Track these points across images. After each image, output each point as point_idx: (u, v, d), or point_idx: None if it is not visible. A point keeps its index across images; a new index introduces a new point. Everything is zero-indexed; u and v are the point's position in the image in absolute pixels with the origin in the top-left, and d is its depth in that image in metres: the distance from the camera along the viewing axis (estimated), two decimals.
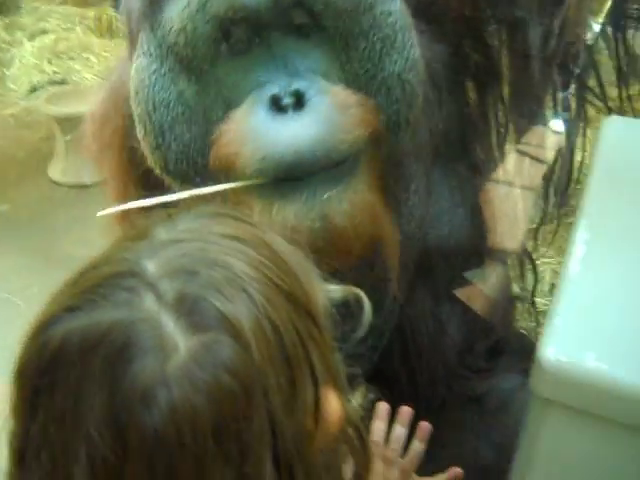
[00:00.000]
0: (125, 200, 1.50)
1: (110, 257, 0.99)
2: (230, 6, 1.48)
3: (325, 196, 1.45)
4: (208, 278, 0.93)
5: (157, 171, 1.64)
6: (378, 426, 1.61)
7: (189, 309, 0.90)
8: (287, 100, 1.47)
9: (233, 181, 1.49)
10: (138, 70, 1.60)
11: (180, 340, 0.89)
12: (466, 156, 1.92)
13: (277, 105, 1.47)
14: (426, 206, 1.81)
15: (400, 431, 1.61)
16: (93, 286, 0.93)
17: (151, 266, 0.94)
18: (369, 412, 1.65)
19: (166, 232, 1.00)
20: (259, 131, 1.46)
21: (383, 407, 1.63)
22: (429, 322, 1.84)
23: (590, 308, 1.43)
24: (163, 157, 1.60)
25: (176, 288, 0.92)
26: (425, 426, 1.62)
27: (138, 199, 1.43)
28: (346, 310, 1.13)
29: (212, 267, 0.94)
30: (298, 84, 1.49)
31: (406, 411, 1.62)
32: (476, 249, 1.97)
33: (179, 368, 0.87)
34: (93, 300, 0.91)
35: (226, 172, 1.51)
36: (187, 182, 1.58)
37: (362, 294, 1.18)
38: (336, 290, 1.12)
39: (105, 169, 1.87)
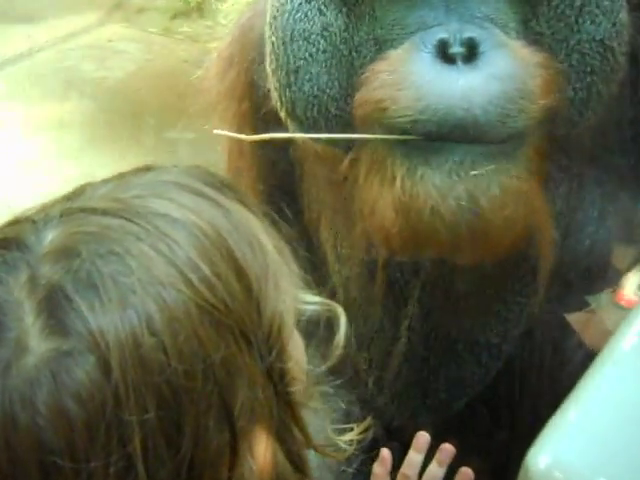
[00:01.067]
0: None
1: (25, 214, 0.86)
2: None
3: (478, 172, 1.20)
4: (91, 270, 0.76)
5: (282, 114, 1.43)
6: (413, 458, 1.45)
7: (54, 306, 0.76)
8: (457, 48, 1.24)
9: (377, 133, 1.25)
10: None
11: (32, 340, 0.75)
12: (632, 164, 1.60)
13: (444, 53, 1.24)
14: (573, 214, 1.55)
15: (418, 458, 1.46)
16: None
17: (47, 238, 0.80)
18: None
19: (97, 197, 0.84)
20: (423, 78, 1.22)
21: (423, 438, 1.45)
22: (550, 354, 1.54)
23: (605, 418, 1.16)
24: (292, 99, 1.39)
25: (50, 276, 0.77)
26: (447, 449, 1.42)
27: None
28: None
29: (105, 257, 0.77)
30: (472, 32, 1.25)
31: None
32: (605, 270, 1.65)
33: (20, 377, 0.74)
34: None
35: (370, 122, 1.28)
36: (314, 132, 1.36)
37: (340, 310, 0.98)
38: (314, 302, 0.94)
39: (225, 113, 1.69)
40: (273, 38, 1.38)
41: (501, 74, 1.20)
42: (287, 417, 0.84)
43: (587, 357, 1.51)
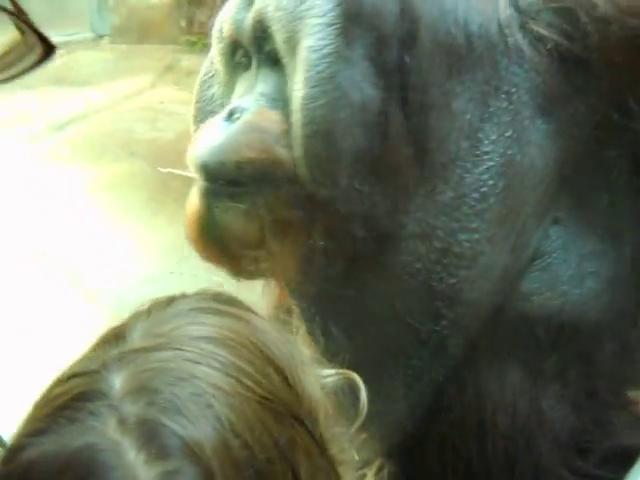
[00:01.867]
0: None
1: (80, 367, 0.99)
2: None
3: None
4: (171, 397, 0.90)
5: None
6: None
7: (150, 436, 0.88)
8: (237, 115, 1.60)
9: None
10: None
11: (141, 471, 0.86)
12: None
13: (231, 116, 1.61)
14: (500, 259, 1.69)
15: None
16: (60, 408, 0.93)
17: (117, 382, 0.93)
18: None
19: (139, 337, 1.00)
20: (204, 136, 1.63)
21: None
22: (518, 402, 1.69)
23: None
24: None
25: (137, 412, 0.89)
26: None
27: None
28: None
29: (176, 384, 0.91)
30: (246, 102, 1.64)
31: None
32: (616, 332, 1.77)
33: None
34: (59, 423, 0.91)
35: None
36: None
37: (357, 378, 1.15)
38: (331, 374, 1.10)
39: None
40: None
41: (233, 130, 1.58)
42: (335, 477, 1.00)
43: None
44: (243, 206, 1.58)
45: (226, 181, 1.58)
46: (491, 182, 1.65)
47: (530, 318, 1.66)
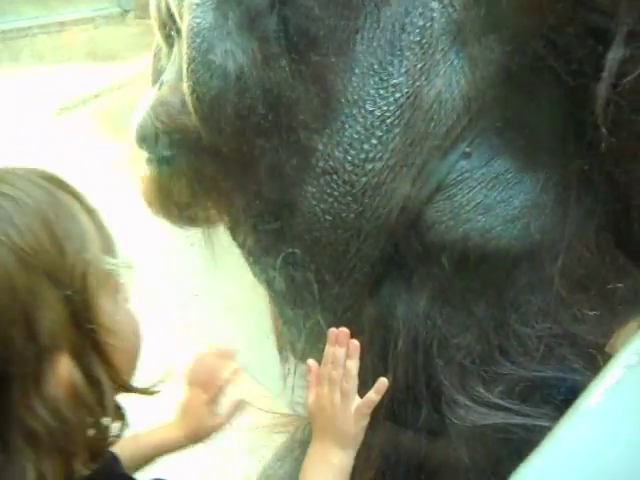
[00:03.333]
0: None
1: None
2: None
3: None
4: None
5: None
6: (328, 350, 1.70)
7: None
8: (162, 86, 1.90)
9: None
10: None
11: None
12: None
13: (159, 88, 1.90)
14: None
15: (340, 352, 1.68)
16: None
17: None
18: None
19: None
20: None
21: (333, 332, 1.71)
22: (420, 326, 1.73)
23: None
24: None
25: None
26: (354, 345, 1.69)
27: None
28: None
29: None
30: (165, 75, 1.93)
31: (354, 346, 1.69)
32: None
33: None
34: None
35: None
36: None
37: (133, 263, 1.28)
38: (114, 262, 1.22)
39: None
40: None
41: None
42: (89, 347, 1.13)
43: None
44: (172, 167, 1.87)
45: (154, 148, 1.86)
46: (397, 113, 1.68)
47: (433, 246, 1.70)
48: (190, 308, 3.84)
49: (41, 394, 1.07)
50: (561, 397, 1.65)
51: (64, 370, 1.10)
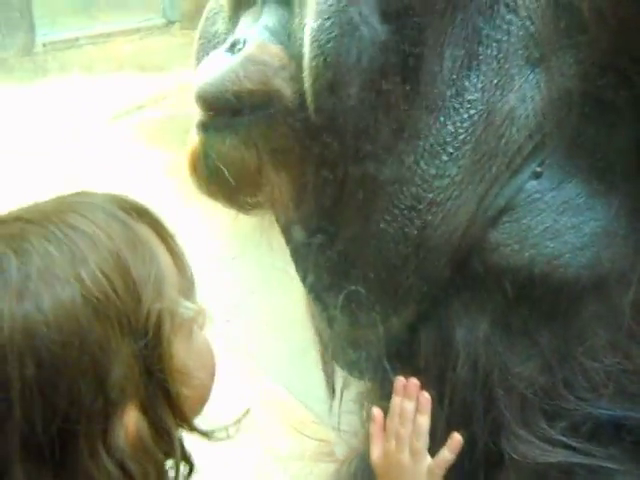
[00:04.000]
0: None
1: None
2: None
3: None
4: (3, 260, 0.98)
5: None
6: (395, 402, 1.55)
7: None
8: (239, 46, 1.65)
9: None
10: None
11: None
12: None
13: (233, 47, 1.66)
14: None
15: (410, 406, 1.52)
16: None
17: None
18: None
19: (30, 209, 1.08)
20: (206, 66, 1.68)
21: (401, 382, 1.56)
22: (481, 354, 1.63)
23: None
24: None
25: None
26: (425, 399, 1.53)
27: None
28: None
29: (19, 252, 0.99)
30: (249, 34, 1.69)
31: (425, 400, 1.53)
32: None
33: None
34: None
35: None
36: None
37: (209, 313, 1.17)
38: (190, 307, 1.12)
39: None
40: None
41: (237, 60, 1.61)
42: (160, 399, 1.03)
43: None
44: (239, 136, 1.63)
45: (225, 110, 1.63)
46: (470, 130, 1.62)
47: (497, 269, 1.61)
48: (232, 325, 3.74)
49: (108, 446, 0.99)
50: (631, 438, 1.55)
51: (132, 422, 1.02)
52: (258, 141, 1.63)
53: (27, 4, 7.83)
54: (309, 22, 1.57)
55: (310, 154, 1.66)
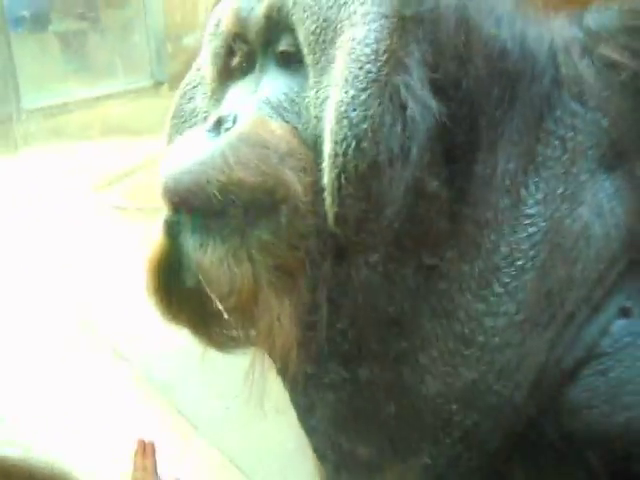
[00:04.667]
0: None
1: None
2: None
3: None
4: None
5: None
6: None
7: None
8: (228, 124, 1.25)
9: None
10: None
11: None
12: None
13: (218, 126, 1.26)
14: None
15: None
16: None
17: None
18: None
19: None
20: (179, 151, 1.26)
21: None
22: None
23: None
24: None
25: None
26: None
27: None
28: None
29: None
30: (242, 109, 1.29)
31: None
32: None
33: None
34: None
35: None
36: None
37: None
38: None
39: None
40: None
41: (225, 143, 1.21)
42: None
43: None
44: (227, 245, 1.18)
45: (205, 209, 1.19)
46: (531, 253, 1.24)
47: (578, 439, 1.22)
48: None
49: None
50: None
51: None
52: (254, 254, 1.19)
53: (11, 71, 7.64)
54: (334, 94, 1.19)
55: (326, 275, 1.23)
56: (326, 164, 1.18)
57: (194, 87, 1.49)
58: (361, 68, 1.17)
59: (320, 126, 1.22)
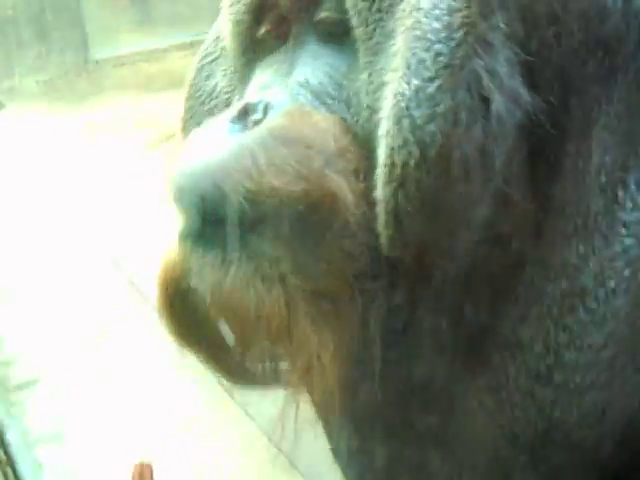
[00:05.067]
0: None
1: None
2: None
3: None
4: None
5: None
6: None
7: None
8: (257, 114, 1.02)
9: None
10: None
11: None
12: None
13: (244, 116, 1.03)
14: None
15: None
16: None
17: None
18: None
19: None
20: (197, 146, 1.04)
21: None
22: None
23: None
24: None
25: None
26: None
27: None
28: None
29: None
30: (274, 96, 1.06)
31: None
32: None
33: None
34: None
35: None
36: None
37: None
38: None
39: None
40: None
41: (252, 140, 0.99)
42: None
43: None
44: (255, 264, 0.96)
45: (228, 221, 0.97)
46: (626, 273, 1.01)
47: None
48: None
49: None
50: None
51: None
52: (288, 276, 0.96)
53: (79, 21, 7.60)
54: (392, 82, 0.95)
55: (379, 304, 1.01)
56: (380, 174, 0.95)
57: (212, 61, 1.27)
58: (428, 49, 0.92)
59: (375, 119, 0.97)
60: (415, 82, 0.91)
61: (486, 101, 0.91)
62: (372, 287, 0.99)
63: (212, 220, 0.97)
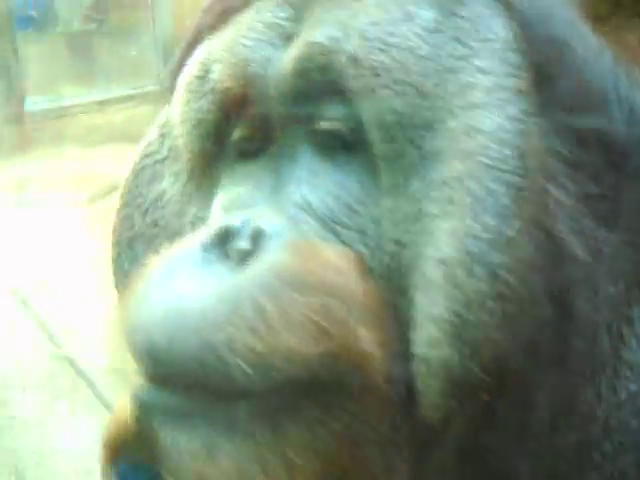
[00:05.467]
0: None
1: None
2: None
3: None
4: None
5: None
6: None
7: None
8: (242, 242, 0.80)
9: None
10: None
11: None
12: None
13: (222, 243, 0.81)
14: None
15: None
16: None
17: None
18: None
19: None
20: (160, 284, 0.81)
21: None
22: None
23: None
24: None
25: None
26: None
27: None
28: None
29: None
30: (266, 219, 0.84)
31: None
32: None
33: None
34: None
35: None
36: None
37: None
38: None
39: None
40: None
41: (250, 284, 0.77)
42: None
43: None
44: (251, 443, 0.76)
45: (220, 391, 0.75)
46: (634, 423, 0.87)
47: None
48: None
49: None
50: None
51: None
52: (293, 457, 0.76)
53: (17, 71, 7.48)
54: (446, 216, 0.79)
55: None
56: (431, 330, 0.77)
57: (157, 162, 1.04)
58: (498, 180, 0.76)
59: (406, 256, 0.81)
60: (492, 223, 0.75)
61: (559, 244, 0.78)
62: (396, 463, 0.81)
63: (197, 391, 0.75)
